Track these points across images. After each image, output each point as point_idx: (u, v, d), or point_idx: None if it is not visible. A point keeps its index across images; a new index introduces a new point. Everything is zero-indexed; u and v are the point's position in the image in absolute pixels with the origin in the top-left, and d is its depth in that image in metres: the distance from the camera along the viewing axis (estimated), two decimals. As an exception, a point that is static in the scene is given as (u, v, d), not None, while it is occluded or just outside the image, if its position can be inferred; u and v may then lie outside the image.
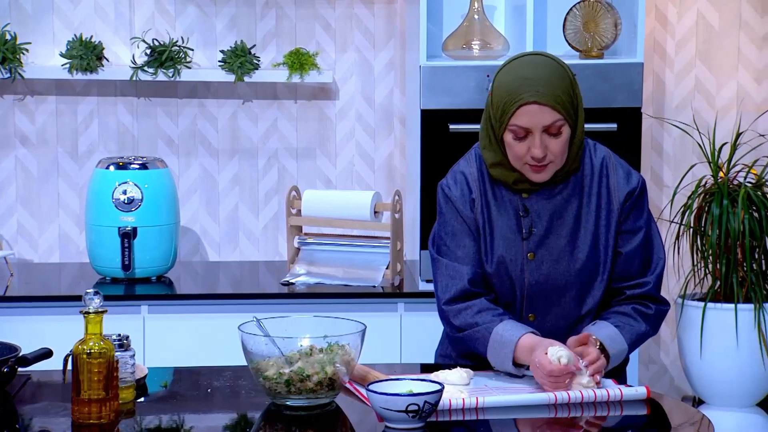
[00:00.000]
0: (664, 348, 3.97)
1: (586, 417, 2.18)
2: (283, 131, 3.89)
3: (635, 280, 2.41)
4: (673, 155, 3.91)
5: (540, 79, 2.31)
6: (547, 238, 2.39)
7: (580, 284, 2.40)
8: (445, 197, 2.44)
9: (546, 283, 2.39)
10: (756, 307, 3.44)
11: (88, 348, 2.09)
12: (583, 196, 2.40)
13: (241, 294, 3.43)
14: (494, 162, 2.40)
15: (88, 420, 2.09)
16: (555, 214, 2.39)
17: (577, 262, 2.39)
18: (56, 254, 3.87)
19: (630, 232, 2.41)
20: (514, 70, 2.35)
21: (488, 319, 2.36)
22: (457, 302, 2.39)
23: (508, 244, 2.40)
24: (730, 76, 3.89)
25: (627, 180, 2.42)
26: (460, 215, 2.42)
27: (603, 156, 2.44)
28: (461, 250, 2.41)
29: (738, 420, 3.52)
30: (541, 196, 2.40)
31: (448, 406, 2.16)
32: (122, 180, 3.48)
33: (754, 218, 3.48)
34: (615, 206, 2.40)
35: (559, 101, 2.31)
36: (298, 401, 2.16)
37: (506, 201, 2.41)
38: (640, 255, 2.42)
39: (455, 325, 2.40)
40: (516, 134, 2.33)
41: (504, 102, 2.33)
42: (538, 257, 2.39)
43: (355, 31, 3.86)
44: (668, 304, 2.46)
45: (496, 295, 2.43)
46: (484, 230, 2.41)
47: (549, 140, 2.33)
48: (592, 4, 3.57)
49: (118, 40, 3.81)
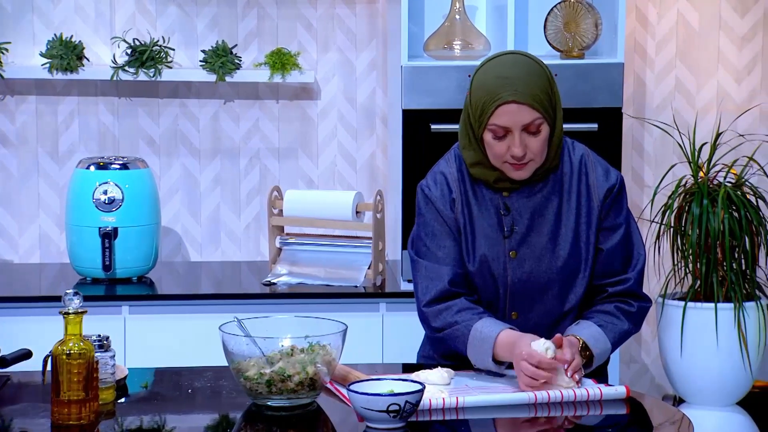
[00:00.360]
0: (645, 347, 3.98)
1: (566, 416, 2.19)
2: (264, 131, 3.88)
3: (617, 277, 2.43)
4: (653, 155, 3.92)
5: (518, 78, 2.32)
6: (528, 236, 2.40)
7: (562, 281, 2.41)
8: (425, 198, 2.45)
9: (528, 281, 2.40)
10: (736, 306, 3.45)
11: (67, 349, 2.09)
12: (563, 194, 2.42)
13: (222, 294, 3.43)
14: (474, 161, 2.41)
15: (68, 421, 2.08)
16: (536, 212, 2.41)
17: (559, 260, 2.40)
18: (37, 255, 3.86)
19: (610, 228, 2.42)
20: (492, 70, 2.35)
21: (468, 318, 2.37)
22: (437, 303, 2.40)
23: (490, 243, 2.41)
24: (710, 77, 3.91)
25: (606, 177, 2.43)
26: (441, 216, 2.42)
27: (582, 154, 2.45)
28: (441, 251, 2.41)
29: (718, 419, 3.54)
30: (522, 194, 2.41)
31: (429, 406, 2.16)
32: (103, 180, 3.47)
33: (734, 218, 3.50)
34: (595, 203, 2.42)
35: (538, 100, 2.32)
36: (279, 401, 2.16)
37: (487, 200, 2.42)
38: (621, 251, 2.43)
39: (435, 327, 2.40)
40: (495, 133, 2.34)
41: (483, 102, 2.33)
42: (520, 255, 2.40)
43: (337, 31, 3.86)
44: (650, 301, 2.47)
45: (479, 294, 2.43)
46: (465, 230, 2.42)
47: (528, 139, 2.34)
48: (572, 4, 3.58)
49: (99, 40, 3.80)
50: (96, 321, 2.40)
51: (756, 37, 3.89)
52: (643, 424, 2.20)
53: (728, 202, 3.50)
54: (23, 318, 3.33)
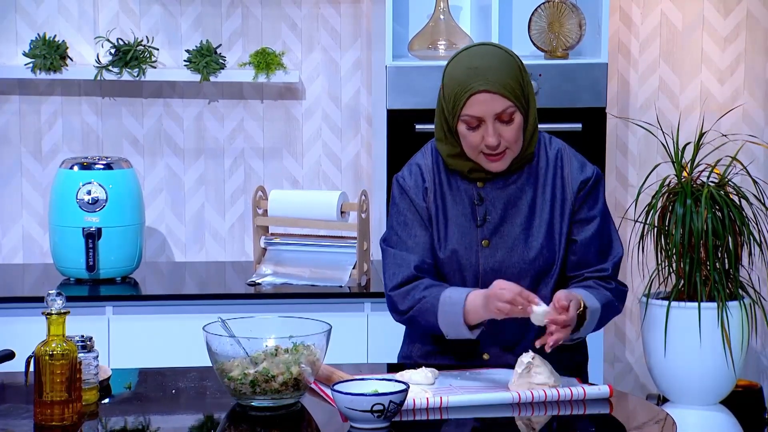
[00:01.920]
0: (629, 346, 3.99)
1: (549, 416, 2.19)
2: (249, 131, 3.88)
3: (593, 267, 2.44)
4: (637, 155, 3.94)
5: (488, 67, 2.34)
6: (501, 226, 2.42)
7: (534, 272, 2.42)
8: (399, 188, 2.48)
9: (500, 271, 2.41)
10: (719, 305, 3.47)
11: (50, 349, 2.08)
12: (538, 186, 2.44)
13: (206, 294, 3.42)
14: (450, 154, 2.43)
15: (51, 422, 2.07)
16: (509, 202, 2.43)
17: (532, 250, 2.41)
18: (20, 255, 3.84)
19: (585, 220, 2.44)
20: (462, 61, 2.38)
21: (435, 291, 2.39)
22: (404, 286, 2.42)
23: (462, 232, 2.43)
24: (694, 77, 3.92)
25: (581, 170, 2.45)
26: (414, 205, 2.45)
27: (558, 148, 2.47)
28: (412, 240, 2.44)
29: (702, 418, 3.55)
30: (496, 185, 2.43)
31: (413, 406, 2.16)
32: (86, 180, 3.46)
33: (717, 217, 3.51)
34: (569, 195, 2.43)
35: (509, 88, 2.34)
36: (263, 402, 2.16)
37: (462, 191, 2.44)
38: (596, 244, 2.44)
39: (403, 309, 2.42)
40: (469, 124, 2.36)
41: (455, 93, 2.36)
42: (493, 244, 2.42)
43: (322, 30, 3.86)
44: (627, 287, 2.49)
45: (451, 284, 2.43)
46: (437, 219, 2.44)
47: (502, 128, 2.36)
48: (556, 4, 3.59)
49: (82, 40, 3.79)
50: (79, 321, 2.39)
51: (739, 38, 3.91)
52: (626, 424, 2.21)
53: (711, 201, 3.51)
54: (6, 319, 3.31)
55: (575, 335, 2.37)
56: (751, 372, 3.94)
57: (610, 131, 3.81)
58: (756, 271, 3.69)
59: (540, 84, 3.48)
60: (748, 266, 3.60)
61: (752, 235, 3.54)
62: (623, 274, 3.93)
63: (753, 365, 3.95)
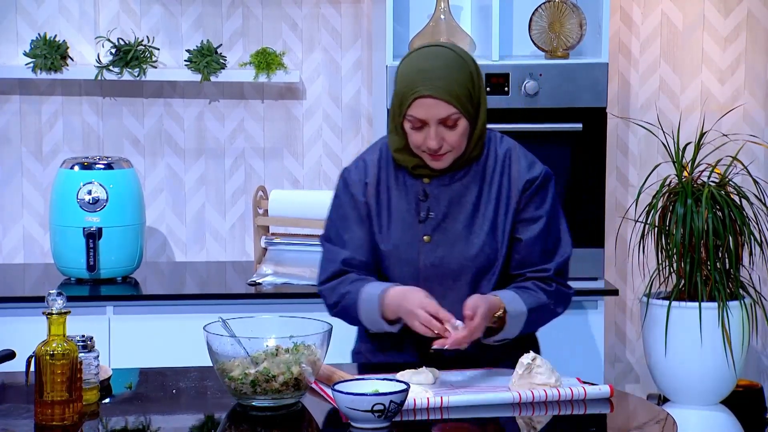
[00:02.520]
0: (629, 346, 4.00)
1: (550, 416, 2.19)
2: (249, 131, 3.88)
3: (536, 267, 2.44)
4: (638, 155, 3.94)
5: (437, 71, 2.35)
6: (444, 222, 2.44)
7: (476, 269, 2.43)
8: (344, 182, 2.50)
9: (441, 266, 2.43)
10: (720, 305, 3.47)
11: (51, 349, 2.08)
12: (484, 184, 2.45)
13: (207, 294, 3.42)
14: (398, 147, 2.45)
15: (52, 422, 2.07)
16: (453, 199, 2.44)
17: (473, 247, 2.42)
18: (20, 255, 3.85)
19: (530, 220, 2.44)
20: (413, 62, 2.39)
21: (358, 286, 2.42)
22: (332, 281, 2.45)
23: (404, 227, 2.44)
24: (694, 77, 3.92)
25: (529, 169, 2.45)
26: (354, 200, 2.47)
27: (508, 147, 2.48)
28: (347, 234, 2.46)
29: (702, 418, 3.55)
30: (442, 181, 2.45)
31: (413, 406, 2.16)
32: (87, 180, 3.46)
33: (718, 217, 3.51)
34: (514, 194, 2.44)
35: (455, 95, 2.34)
36: (263, 402, 2.16)
37: (407, 186, 2.46)
38: (541, 244, 2.44)
39: (331, 303, 2.45)
40: (413, 124, 2.38)
41: (402, 93, 2.38)
42: (434, 240, 2.43)
43: (322, 30, 3.86)
44: (571, 289, 2.48)
45: (393, 279, 2.45)
46: (379, 213, 2.45)
47: (445, 132, 2.37)
48: (557, 4, 3.59)
49: (83, 40, 3.79)
50: (80, 321, 2.39)
51: (739, 38, 3.91)
52: (627, 424, 2.21)
53: (712, 201, 3.51)
54: (6, 318, 3.31)
55: (497, 336, 2.38)
56: (751, 372, 3.94)
57: (611, 131, 3.81)
58: (756, 271, 3.69)
59: (540, 84, 3.48)
60: (749, 266, 3.60)
61: (753, 234, 3.54)
62: (623, 274, 3.94)
63: (753, 365, 3.95)
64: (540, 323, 2.46)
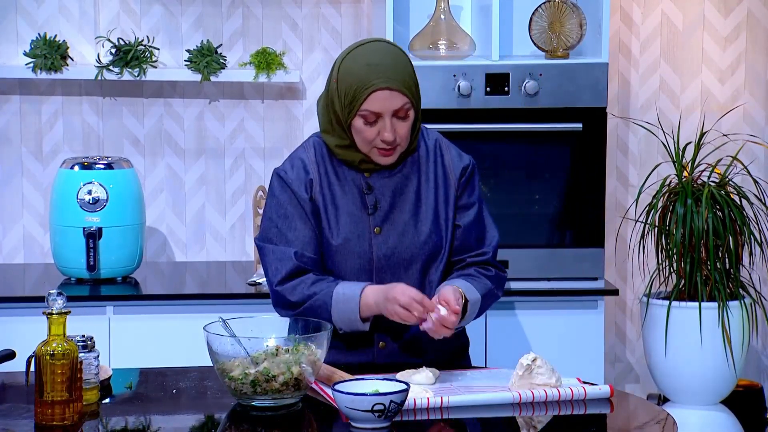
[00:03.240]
0: (629, 346, 3.99)
1: (550, 416, 2.19)
2: (249, 131, 3.88)
3: (474, 251, 2.51)
4: (638, 155, 3.94)
5: (387, 65, 2.41)
6: (391, 213, 2.48)
7: (425, 256, 2.48)
8: (280, 181, 2.49)
9: (393, 256, 2.47)
10: (720, 305, 3.47)
11: (51, 349, 2.08)
12: (421, 174, 2.51)
13: (207, 294, 3.42)
14: (339, 145, 2.47)
15: (52, 422, 2.07)
16: (397, 190, 2.49)
17: (422, 235, 2.47)
18: (20, 255, 3.85)
19: (465, 206, 2.52)
20: (360, 58, 2.43)
21: (324, 287, 2.42)
22: (290, 280, 2.44)
23: (354, 221, 2.47)
24: (694, 77, 3.92)
25: (460, 158, 2.54)
26: (296, 197, 2.47)
27: (435, 138, 2.56)
28: (292, 233, 2.46)
29: (702, 418, 3.55)
30: (382, 174, 2.49)
31: (413, 406, 2.16)
32: (87, 180, 3.46)
33: (718, 217, 3.51)
34: (452, 181, 2.51)
35: (407, 86, 2.42)
36: (263, 402, 2.16)
37: (349, 180, 2.49)
38: (475, 229, 2.52)
39: (293, 302, 2.43)
40: (366, 119, 2.42)
41: (354, 89, 2.40)
42: (384, 231, 2.47)
43: (322, 30, 3.86)
44: (506, 272, 2.57)
45: (343, 273, 2.47)
46: (326, 209, 2.47)
47: (397, 123, 2.43)
48: (557, 4, 3.59)
49: (83, 40, 3.79)
50: (80, 321, 2.39)
51: (739, 38, 3.91)
52: (627, 424, 2.21)
53: (712, 201, 3.51)
54: (7, 318, 3.31)
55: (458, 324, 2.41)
56: (751, 372, 3.94)
57: (611, 131, 3.81)
58: (756, 271, 3.69)
59: (540, 84, 3.48)
60: (749, 266, 3.60)
61: (753, 234, 3.54)
62: (623, 274, 3.94)
63: (753, 365, 3.95)
64: (486, 308, 2.52)
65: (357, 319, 2.40)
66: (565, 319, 3.54)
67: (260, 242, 2.49)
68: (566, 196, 3.52)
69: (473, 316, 2.46)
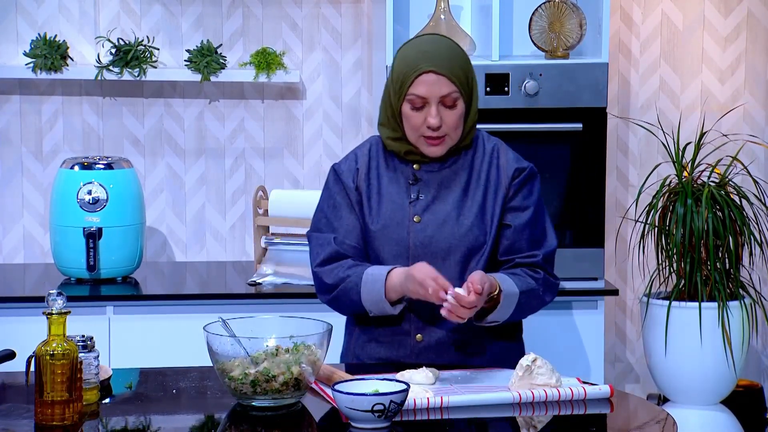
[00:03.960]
0: (629, 346, 4.00)
1: (550, 416, 2.19)
2: (250, 131, 3.88)
3: (524, 253, 2.50)
4: (638, 155, 3.94)
5: (438, 52, 2.46)
6: (433, 204, 2.51)
7: (465, 249, 2.48)
8: (334, 174, 2.57)
9: (430, 245, 2.48)
10: (720, 305, 3.47)
11: (51, 349, 2.08)
12: (473, 172, 2.53)
13: (207, 294, 3.42)
14: (390, 137, 2.52)
15: (52, 422, 2.07)
16: (443, 183, 2.52)
17: (462, 227, 2.49)
18: (20, 255, 3.85)
19: (519, 208, 2.52)
20: (414, 46, 2.50)
21: (360, 270, 2.47)
22: (329, 263, 2.50)
23: (395, 207, 2.51)
24: (694, 77, 3.92)
25: (517, 161, 2.55)
26: (345, 189, 2.54)
27: (495, 143, 2.58)
28: (338, 222, 2.53)
29: (702, 418, 3.55)
30: (432, 167, 2.53)
31: (413, 406, 2.16)
32: (87, 180, 3.46)
33: (718, 217, 3.51)
34: (503, 181, 2.52)
35: (455, 74, 2.45)
36: (263, 402, 2.16)
37: (398, 171, 2.54)
38: (529, 232, 2.52)
39: (329, 284, 2.50)
40: (413, 104, 2.45)
41: (403, 73, 2.46)
42: (424, 221, 2.50)
43: (322, 30, 3.86)
44: (558, 279, 2.55)
45: (382, 259, 2.51)
46: (369, 196, 2.52)
47: (445, 112, 2.45)
48: (557, 4, 3.59)
49: (83, 40, 3.79)
50: (80, 321, 2.39)
51: (739, 38, 3.91)
52: (627, 424, 2.21)
53: (712, 201, 3.51)
54: (7, 318, 3.31)
55: (490, 317, 2.43)
56: (751, 372, 3.94)
57: (611, 131, 3.81)
58: (756, 271, 3.69)
59: (540, 84, 3.48)
60: (749, 266, 3.60)
61: (753, 235, 3.54)
62: (623, 274, 3.94)
63: (753, 365, 3.95)
64: (529, 309, 2.50)
65: (383, 299, 2.43)
66: (565, 319, 3.54)
67: (308, 233, 2.57)
68: (566, 196, 3.52)
69: (509, 311, 2.44)
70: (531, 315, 2.55)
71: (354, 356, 2.56)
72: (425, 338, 2.48)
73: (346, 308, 2.53)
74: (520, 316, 2.50)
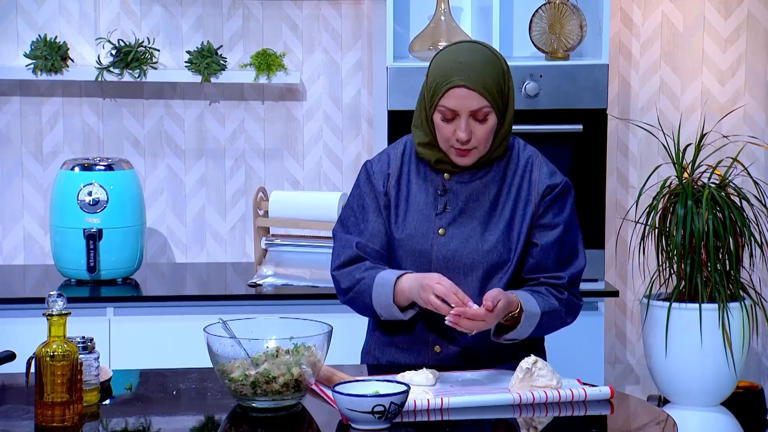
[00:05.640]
0: (629, 348, 4.00)
1: (550, 417, 2.19)
2: (250, 132, 3.88)
3: (550, 273, 2.45)
4: (638, 156, 3.94)
5: (472, 64, 2.38)
6: (460, 217, 2.46)
7: (488, 265, 2.44)
8: (366, 172, 2.53)
9: (453, 260, 2.44)
10: (720, 306, 3.47)
11: (51, 350, 2.08)
12: (504, 185, 2.47)
13: (207, 296, 3.42)
14: (422, 141, 2.47)
15: (52, 423, 2.07)
16: (471, 196, 2.46)
17: (487, 243, 2.44)
18: (21, 256, 3.85)
19: (548, 226, 2.45)
20: (450, 54, 2.42)
21: (373, 273, 2.44)
22: (347, 266, 2.48)
23: (421, 218, 2.47)
24: (695, 78, 3.93)
25: (550, 176, 2.48)
26: (374, 191, 2.50)
27: (530, 154, 2.50)
28: (364, 224, 2.49)
29: (702, 419, 3.55)
30: (462, 178, 2.48)
31: (414, 407, 2.16)
32: (87, 181, 3.46)
33: (718, 218, 3.51)
34: (534, 197, 2.46)
35: (488, 89, 2.38)
36: (264, 403, 2.16)
37: (428, 180, 2.49)
38: (556, 251, 2.45)
39: (344, 287, 2.47)
40: (444, 116, 2.41)
41: (436, 83, 2.41)
42: (449, 234, 2.45)
43: (323, 31, 3.86)
44: (582, 300, 2.50)
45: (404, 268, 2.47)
46: (397, 203, 2.49)
47: (475, 125, 2.40)
48: (557, 5, 3.59)
49: (83, 41, 3.79)
50: (80, 323, 2.39)
51: (740, 39, 3.91)
52: (627, 425, 2.21)
53: (712, 203, 3.51)
54: (7, 320, 3.31)
55: (508, 335, 2.39)
56: (752, 373, 3.94)
57: (611, 132, 3.82)
58: (757, 273, 3.69)
59: (541, 85, 3.48)
60: (749, 267, 3.60)
61: (753, 236, 3.54)
62: (624, 275, 3.94)
63: (754, 366, 3.95)
64: (549, 329, 2.46)
65: (391, 304, 2.40)
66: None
67: (335, 230, 2.53)
68: (566, 197, 3.52)
69: (529, 331, 2.40)
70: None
71: (374, 358, 2.54)
72: (443, 350, 2.45)
73: (362, 311, 2.51)
74: (539, 334, 2.47)
